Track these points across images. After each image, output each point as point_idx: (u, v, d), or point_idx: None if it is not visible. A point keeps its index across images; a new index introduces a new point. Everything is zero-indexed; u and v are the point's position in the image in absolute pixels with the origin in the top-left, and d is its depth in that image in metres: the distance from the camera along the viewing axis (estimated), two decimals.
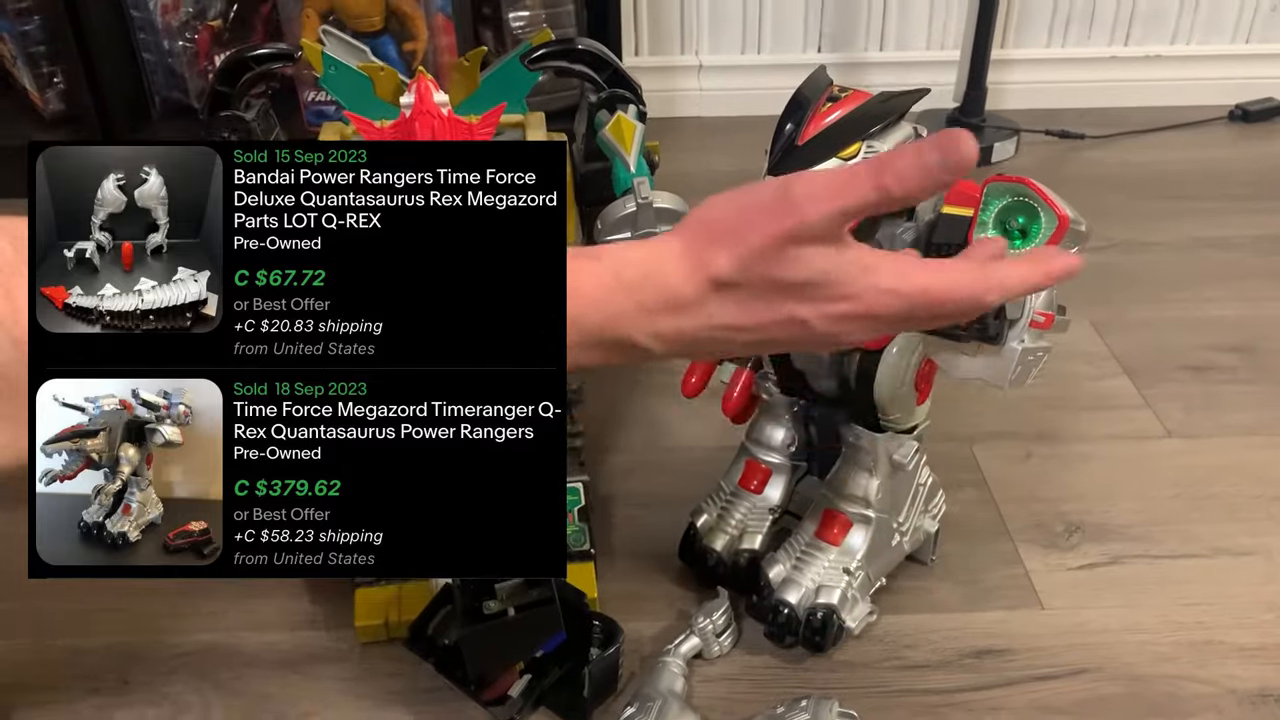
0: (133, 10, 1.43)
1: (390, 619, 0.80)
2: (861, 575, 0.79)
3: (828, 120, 0.65)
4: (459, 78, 0.79)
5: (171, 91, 1.49)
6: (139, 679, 0.80)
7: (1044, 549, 0.90)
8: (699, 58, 1.72)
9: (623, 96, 0.77)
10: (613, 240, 0.74)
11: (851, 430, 0.78)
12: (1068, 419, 1.05)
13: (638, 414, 1.07)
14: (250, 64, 0.73)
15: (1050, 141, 1.63)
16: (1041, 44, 1.74)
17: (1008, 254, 0.67)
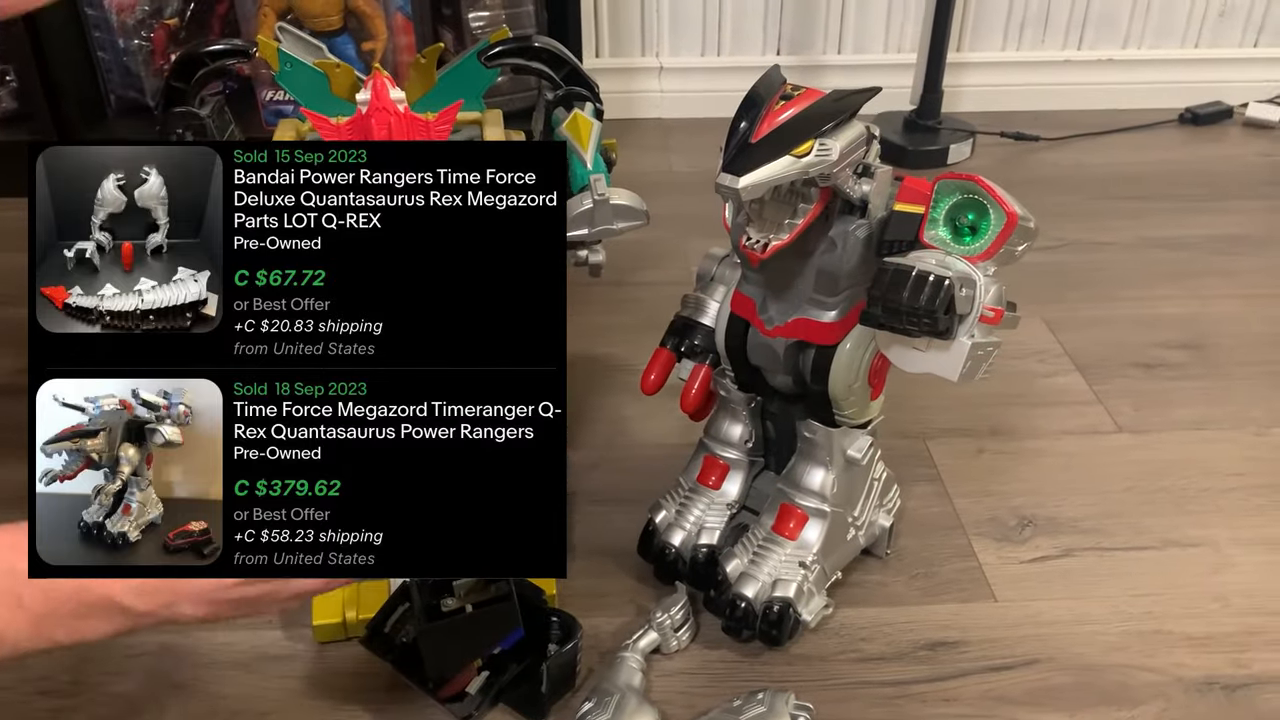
0: (87, 8, 1.41)
1: (348, 618, 0.80)
2: (817, 569, 0.80)
3: (781, 118, 0.65)
4: (416, 75, 0.79)
5: (127, 90, 1.47)
6: (91, 679, 0.79)
7: (997, 542, 0.91)
8: (659, 59, 1.72)
9: (580, 94, 0.77)
10: (573, 236, 0.74)
11: (807, 425, 0.78)
12: (1020, 415, 1.07)
13: (598, 411, 1.07)
14: (205, 60, 0.73)
15: (1005, 143, 1.66)
16: (997, 47, 1.76)
17: (957, 250, 0.69)
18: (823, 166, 0.65)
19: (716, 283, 0.83)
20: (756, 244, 0.68)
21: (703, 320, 0.83)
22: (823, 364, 0.74)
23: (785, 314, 0.74)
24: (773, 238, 0.68)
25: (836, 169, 0.66)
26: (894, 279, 0.67)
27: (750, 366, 0.79)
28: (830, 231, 0.71)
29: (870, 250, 0.71)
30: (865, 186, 0.70)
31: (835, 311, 0.73)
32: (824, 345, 0.74)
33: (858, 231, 0.70)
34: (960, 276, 0.67)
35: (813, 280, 0.72)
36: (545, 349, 0.52)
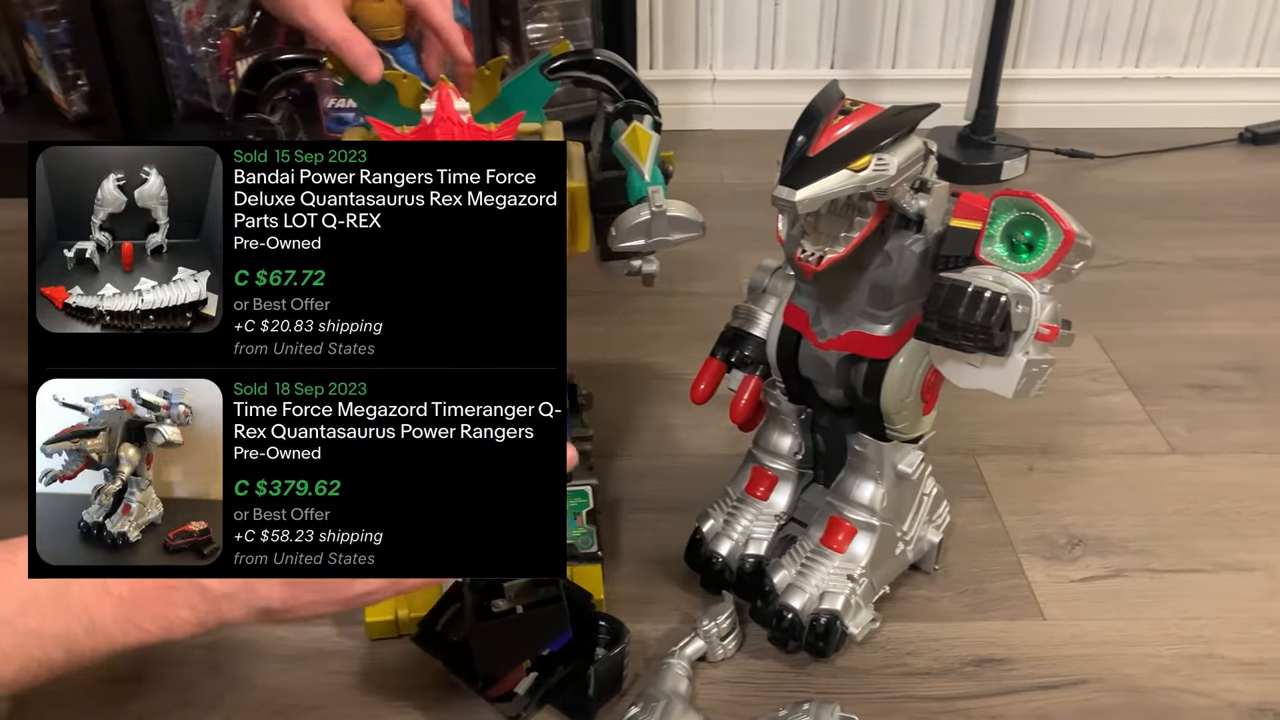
0: (157, 15, 1.45)
1: (400, 615, 0.81)
2: (865, 582, 0.80)
3: (839, 133, 0.66)
4: (479, 86, 0.81)
5: (193, 95, 1.51)
6: (153, 669, 0.81)
7: (1046, 561, 0.91)
8: (713, 72, 1.74)
9: (639, 107, 0.78)
10: (628, 246, 0.75)
11: (858, 439, 0.79)
12: (1072, 433, 1.06)
13: (646, 419, 1.08)
14: (276, 68, 0.75)
15: (1060, 160, 1.65)
16: (1053, 64, 1.75)
17: (1014, 267, 0.69)
18: (880, 181, 0.66)
19: (768, 294, 0.84)
20: (811, 256, 0.69)
21: (754, 331, 0.83)
22: (875, 378, 0.74)
23: (838, 327, 0.75)
24: (828, 250, 0.69)
25: (893, 184, 0.67)
26: (950, 294, 0.67)
27: (801, 379, 0.79)
28: (886, 245, 0.71)
29: (925, 265, 0.71)
30: (922, 201, 0.70)
31: (889, 325, 0.73)
32: (877, 359, 0.74)
33: (913, 246, 0.71)
34: (1016, 293, 0.67)
35: (867, 293, 0.73)
36: (545, 349, 0.52)
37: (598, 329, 1.19)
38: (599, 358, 1.15)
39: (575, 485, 0.89)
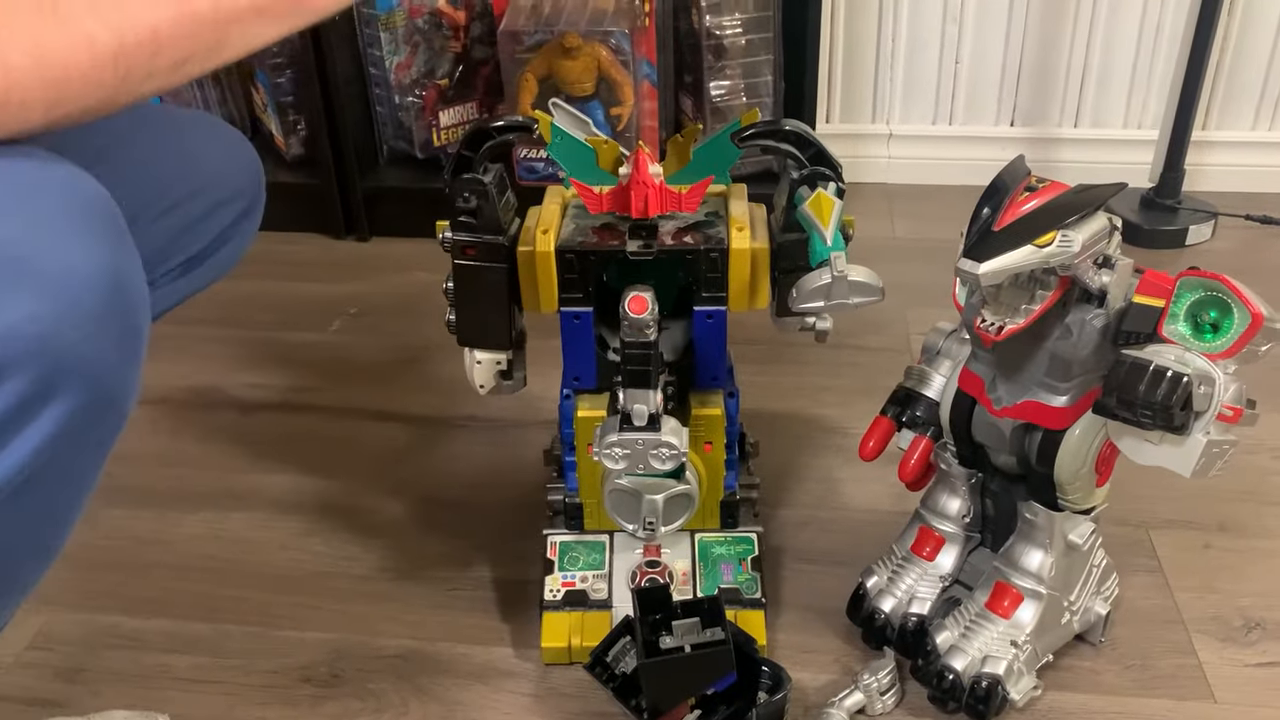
0: (371, 68, 1.57)
1: (573, 643, 0.86)
2: (1029, 649, 0.80)
3: (1025, 208, 0.68)
4: (673, 151, 0.86)
5: (398, 142, 1.63)
6: (346, 673, 0.89)
7: (1220, 642, 0.89)
8: (889, 126, 1.75)
9: (823, 174, 0.81)
10: (808, 308, 0.78)
11: (1029, 506, 0.80)
12: (1252, 512, 1.03)
13: (812, 471, 1.10)
14: (492, 133, 0.82)
15: (1250, 227, 1.59)
16: (1246, 126, 1.70)
17: (1197, 347, 0.69)
18: (1064, 257, 0.67)
19: (942, 357, 0.86)
20: (991, 326, 0.71)
21: (926, 393, 0.85)
22: (1050, 448, 0.75)
23: (1015, 395, 0.76)
24: (1008, 321, 0.70)
25: (1077, 260, 0.68)
26: (1131, 371, 0.68)
27: (974, 443, 0.81)
28: (1066, 318, 0.73)
29: (1106, 340, 0.72)
30: (1105, 277, 0.71)
31: (1066, 397, 0.74)
32: (1053, 429, 0.75)
33: (1094, 321, 0.72)
34: (1199, 374, 0.67)
35: (1045, 364, 0.74)
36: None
37: (765, 378, 1.22)
38: (766, 406, 1.18)
39: (741, 532, 0.92)
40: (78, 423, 0.53)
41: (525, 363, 0.90)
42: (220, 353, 1.35)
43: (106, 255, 0.52)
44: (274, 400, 1.26)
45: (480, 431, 1.18)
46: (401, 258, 1.57)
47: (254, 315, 1.43)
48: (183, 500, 1.09)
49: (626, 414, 0.79)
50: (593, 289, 0.83)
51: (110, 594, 0.97)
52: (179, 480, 1.12)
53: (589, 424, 0.86)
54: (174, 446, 1.18)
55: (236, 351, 1.36)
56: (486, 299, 0.84)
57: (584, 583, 0.89)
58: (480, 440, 1.17)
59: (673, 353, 0.86)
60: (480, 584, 0.97)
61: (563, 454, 0.90)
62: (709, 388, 0.88)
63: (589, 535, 0.92)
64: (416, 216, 1.40)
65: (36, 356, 0.49)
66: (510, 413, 1.18)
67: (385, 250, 1.62)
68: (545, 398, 0.95)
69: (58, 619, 0.94)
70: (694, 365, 0.87)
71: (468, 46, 1.56)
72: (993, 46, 1.68)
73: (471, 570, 0.99)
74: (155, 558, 1.02)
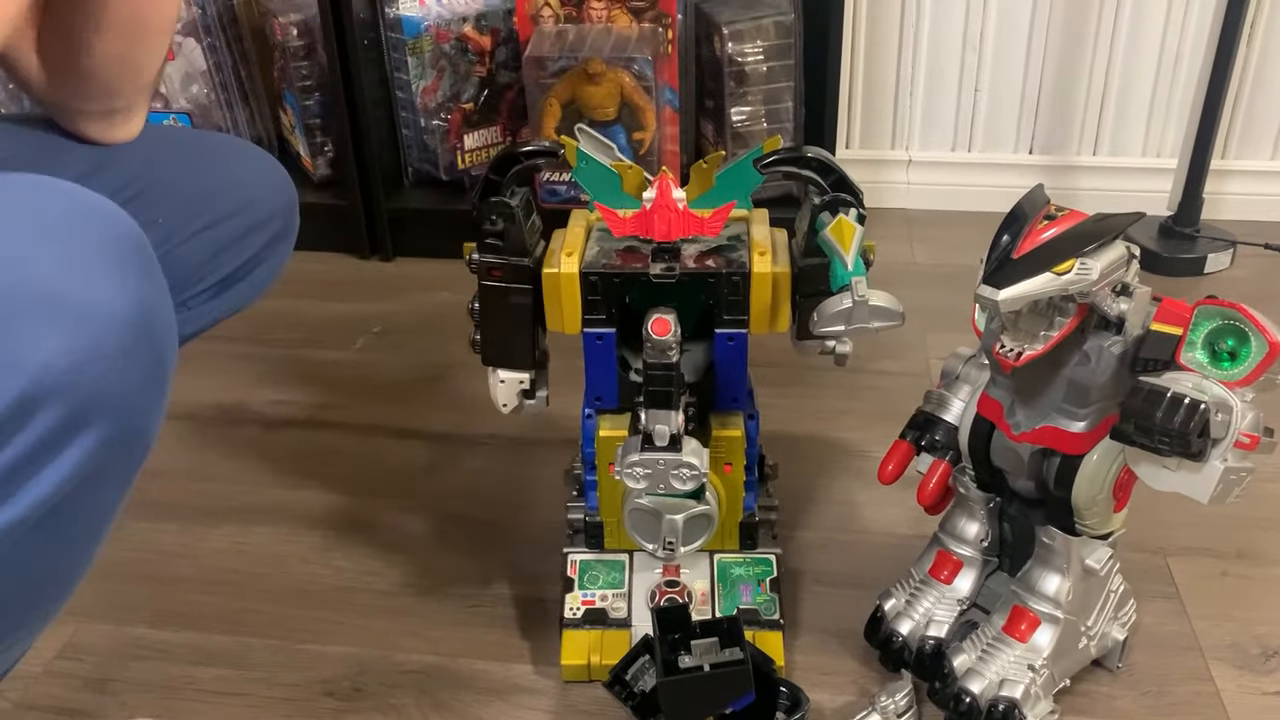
0: (398, 91, 1.60)
1: (592, 661, 0.87)
2: (1046, 674, 0.81)
3: (1044, 236, 0.69)
4: (695, 176, 0.88)
5: (423, 164, 1.65)
6: (369, 688, 0.90)
7: (1237, 669, 0.89)
8: (909, 153, 1.77)
9: (845, 200, 0.83)
10: (828, 332, 0.80)
11: (1046, 531, 0.80)
12: (1271, 540, 1.03)
13: (830, 493, 1.11)
14: (519, 158, 0.84)
15: (1269, 256, 1.59)
16: (1265, 155, 1.70)
17: (1215, 375, 0.69)
18: (1082, 285, 0.68)
19: (961, 381, 0.87)
20: (1010, 352, 0.72)
21: (945, 417, 0.86)
22: (1068, 473, 0.76)
23: (1033, 420, 0.77)
24: (1027, 348, 0.71)
25: (1096, 287, 0.69)
26: (1148, 398, 0.69)
27: (992, 468, 0.82)
28: (1085, 345, 0.73)
29: (1124, 367, 0.73)
30: (1123, 305, 0.72)
31: (1085, 423, 0.75)
32: (1070, 455, 0.76)
33: (1113, 348, 0.73)
34: (1216, 401, 0.68)
35: (1063, 390, 0.75)
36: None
37: (785, 400, 1.23)
38: (785, 429, 1.19)
39: (760, 553, 0.93)
40: (104, 455, 0.53)
41: (548, 382, 0.91)
42: (246, 369, 1.37)
43: (136, 290, 0.53)
44: (298, 417, 1.28)
45: (502, 450, 1.20)
46: (425, 278, 1.59)
47: (280, 333, 1.45)
48: (208, 514, 1.11)
49: (648, 434, 0.80)
50: (615, 310, 0.84)
51: (137, 606, 0.99)
52: (204, 495, 1.14)
53: (610, 443, 0.87)
54: (200, 461, 1.20)
55: (262, 368, 1.38)
56: (511, 319, 0.86)
57: (604, 601, 0.90)
58: (501, 458, 1.19)
59: (694, 374, 0.87)
60: (500, 601, 0.98)
61: (584, 473, 0.92)
62: (729, 409, 0.89)
63: (609, 554, 0.93)
64: (440, 237, 1.43)
65: (68, 391, 0.50)
66: (531, 431, 1.19)
67: (409, 270, 1.64)
68: (566, 417, 0.96)
69: (86, 630, 0.96)
70: (715, 387, 0.88)
71: (493, 71, 1.59)
72: (1012, 74, 1.69)
73: (492, 587, 1.00)
74: (181, 571, 1.04)
